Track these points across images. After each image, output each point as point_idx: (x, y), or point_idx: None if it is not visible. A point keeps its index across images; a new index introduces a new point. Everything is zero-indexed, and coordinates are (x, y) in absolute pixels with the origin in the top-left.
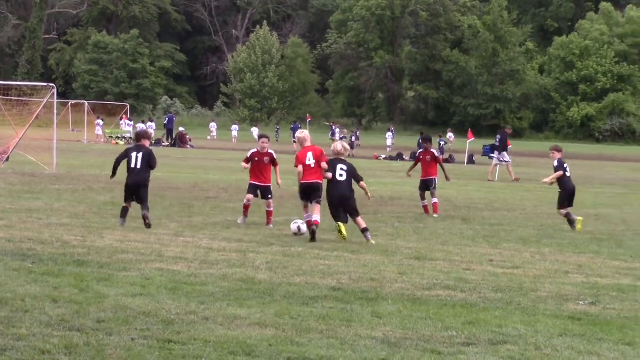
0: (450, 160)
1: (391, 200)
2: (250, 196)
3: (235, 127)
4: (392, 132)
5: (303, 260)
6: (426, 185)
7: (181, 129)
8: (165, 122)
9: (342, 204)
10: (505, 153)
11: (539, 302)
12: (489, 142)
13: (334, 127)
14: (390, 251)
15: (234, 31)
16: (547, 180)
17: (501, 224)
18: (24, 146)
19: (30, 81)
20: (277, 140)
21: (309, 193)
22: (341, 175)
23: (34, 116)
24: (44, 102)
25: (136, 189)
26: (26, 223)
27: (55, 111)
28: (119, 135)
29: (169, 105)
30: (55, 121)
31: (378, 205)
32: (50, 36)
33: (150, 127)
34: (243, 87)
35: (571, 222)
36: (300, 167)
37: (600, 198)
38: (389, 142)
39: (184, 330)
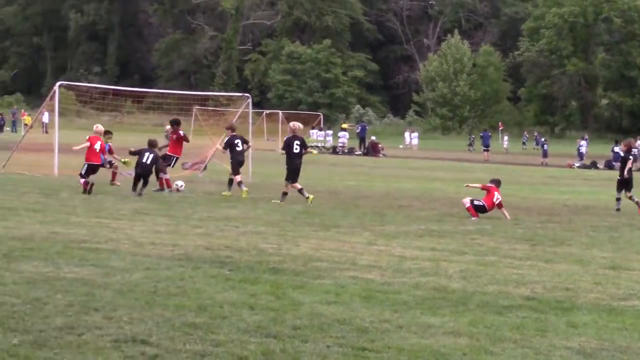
0: None
1: (585, 209)
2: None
3: (406, 134)
4: (585, 140)
5: (496, 269)
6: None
7: (373, 138)
8: (357, 131)
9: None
10: None
11: None
12: None
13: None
14: (585, 260)
15: (425, 40)
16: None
17: None
18: (220, 155)
19: (227, 91)
20: (469, 151)
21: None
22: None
23: None
24: (239, 112)
25: (145, 177)
26: (223, 231)
27: (250, 120)
28: (313, 145)
29: (361, 115)
30: (250, 130)
31: (572, 214)
32: (246, 47)
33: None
34: (434, 95)
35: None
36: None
37: None
38: (582, 150)
39: (378, 339)
